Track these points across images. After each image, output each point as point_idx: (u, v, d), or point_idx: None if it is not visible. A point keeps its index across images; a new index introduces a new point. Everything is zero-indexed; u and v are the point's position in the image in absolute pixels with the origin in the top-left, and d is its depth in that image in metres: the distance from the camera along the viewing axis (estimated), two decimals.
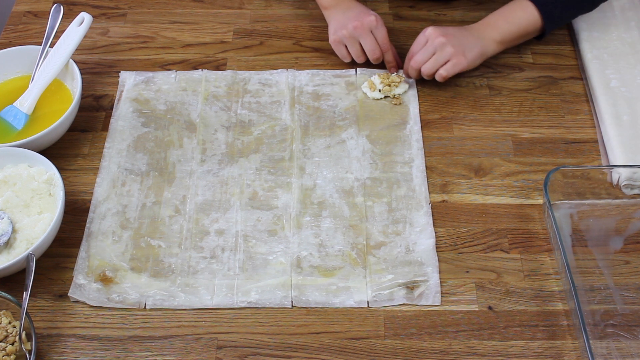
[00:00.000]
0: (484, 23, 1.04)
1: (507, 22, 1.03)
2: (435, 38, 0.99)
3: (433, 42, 1.00)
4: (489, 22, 1.04)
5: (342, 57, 1.08)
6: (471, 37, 1.02)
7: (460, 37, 1.01)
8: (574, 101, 1.06)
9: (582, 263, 0.89)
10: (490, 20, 1.04)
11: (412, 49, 1.03)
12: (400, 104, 1.04)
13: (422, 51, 1.01)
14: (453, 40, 1.00)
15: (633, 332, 0.83)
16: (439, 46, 0.99)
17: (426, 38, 1.01)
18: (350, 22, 1.03)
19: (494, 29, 1.03)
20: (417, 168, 0.97)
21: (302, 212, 0.93)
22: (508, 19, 1.03)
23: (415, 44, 1.03)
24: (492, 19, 1.04)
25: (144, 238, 0.90)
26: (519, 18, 1.03)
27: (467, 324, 0.83)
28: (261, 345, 0.82)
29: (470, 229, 0.92)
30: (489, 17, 1.05)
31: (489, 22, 1.04)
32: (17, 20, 1.18)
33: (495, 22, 1.03)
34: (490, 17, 1.05)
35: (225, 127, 1.02)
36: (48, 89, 1.01)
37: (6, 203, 0.88)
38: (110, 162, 0.98)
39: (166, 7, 1.20)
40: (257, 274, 0.87)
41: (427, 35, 1.01)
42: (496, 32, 1.03)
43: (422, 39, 1.02)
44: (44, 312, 0.84)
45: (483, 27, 1.03)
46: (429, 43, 1.00)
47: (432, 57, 1.00)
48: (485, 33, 1.03)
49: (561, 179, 0.92)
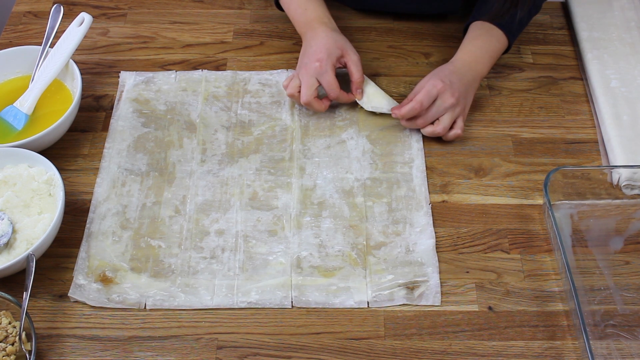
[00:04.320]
0: (471, 59, 1.01)
1: (490, 57, 1.02)
2: (448, 98, 0.95)
3: (445, 102, 0.95)
4: (476, 58, 1.01)
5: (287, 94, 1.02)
6: (469, 85, 0.99)
7: (464, 92, 0.98)
8: (574, 101, 1.06)
9: (582, 263, 0.88)
10: (476, 55, 1.01)
11: (423, 101, 0.95)
12: None
13: (435, 108, 0.96)
14: (460, 97, 0.97)
15: (633, 332, 0.83)
16: (450, 107, 0.96)
17: (437, 93, 0.95)
18: (303, 63, 0.99)
19: (482, 66, 1.01)
20: (417, 168, 0.97)
21: (302, 213, 0.93)
22: (490, 52, 1.02)
23: (426, 96, 0.95)
24: (477, 54, 1.01)
25: (144, 238, 0.90)
26: (498, 51, 1.03)
27: (467, 324, 0.83)
28: (261, 345, 0.82)
29: (471, 229, 0.92)
30: (472, 51, 1.01)
31: (475, 57, 1.01)
32: (17, 20, 1.18)
33: (482, 58, 1.01)
34: (473, 50, 1.02)
35: (225, 127, 1.02)
36: (48, 89, 1.01)
37: (6, 203, 0.88)
38: (110, 162, 0.98)
39: (166, 8, 1.20)
40: (257, 274, 0.87)
41: (439, 91, 0.95)
42: (484, 68, 1.01)
43: (433, 92, 0.95)
44: (44, 312, 0.84)
45: (474, 65, 1.00)
46: (439, 101, 0.95)
47: (445, 116, 0.96)
48: (476, 73, 1.00)
49: (561, 179, 0.92)
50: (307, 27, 1.03)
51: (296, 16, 1.06)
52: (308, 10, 1.04)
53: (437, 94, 0.96)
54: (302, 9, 1.04)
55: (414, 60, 1.11)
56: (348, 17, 1.17)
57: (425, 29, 1.16)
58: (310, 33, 1.01)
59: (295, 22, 1.06)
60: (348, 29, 1.14)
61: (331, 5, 1.06)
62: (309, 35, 1.01)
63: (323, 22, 1.02)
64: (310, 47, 1.00)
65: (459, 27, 1.07)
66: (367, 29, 1.16)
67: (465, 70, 1.00)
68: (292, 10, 1.06)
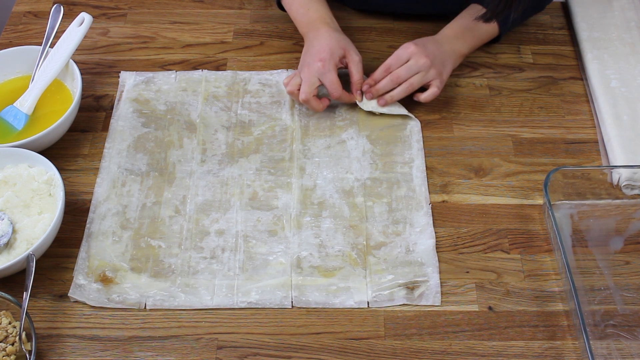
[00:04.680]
0: (453, 34, 1.02)
1: (474, 36, 1.03)
2: (420, 58, 0.96)
3: (417, 61, 0.97)
4: (457, 34, 1.02)
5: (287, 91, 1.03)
6: (446, 54, 1.00)
7: (440, 56, 0.99)
8: (574, 101, 1.06)
9: (582, 263, 0.88)
10: (458, 31, 1.03)
11: (391, 64, 0.98)
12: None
13: (405, 68, 0.97)
14: (435, 60, 0.98)
15: (633, 332, 0.83)
16: (423, 67, 0.97)
17: (409, 55, 0.97)
18: (306, 63, 0.99)
19: (463, 43, 1.02)
20: (417, 168, 0.97)
21: (302, 213, 0.93)
22: (474, 32, 1.03)
23: (394, 59, 0.98)
24: (461, 31, 1.03)
25: (144, 238, 0.90)
26: (482, 32, 1.04)
27: (467, 324, 0.83)
28: (261, 345, 0.82)
29: (471, 229, 0.92)
30: (455, 27, 1.03)
31: (457, 33, 1.02)
32: (17, 20, 1.18)
33: (464, 35, 1.02)
34: (456, 27, 1.03)
35: (225, 128, 1.02)
36: (48, 89, 1.01)
37: (6, 203, 0.88)
38: (110, 162, 0.98)
39: (166, 8, 1.20)
40: (257, 274, 0.87)
41: (410, 52, 0.97)
42: (465, 45, 1.02)
43: (404, 55, 0.97)
44: (44, 312, 0.84)
45: (454, 40, 1.02)
46: (412, 62, 0.97)
47: (416, 76, 0.97)
48: (456, 47, 1.01)
49: (561, 179, 0.92)
50: (309, 27, 1.03)
51: (298, 16, 1.06)
52: (310, 11, 1.04)
53: (408, 57, 0.97)
54: (304, 9, 1.04)
55: None
56: (348, 17, 1.17)
57: (425, 29, 1.16)
58: (312, 33, 1.01)
59: (297, 22, 1.06)
60: (348, 29, 1.14)
61: (331, 6, 1.06)
62: (312, 35, 1.01)
63: (326, 22, 1.02)
64: (312, 46, 1.00)
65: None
66: (367, 29, 1.16)
67: (445, 42, 1.01)
68: (294, 11, 1.06)
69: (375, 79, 1.00)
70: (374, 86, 1.00)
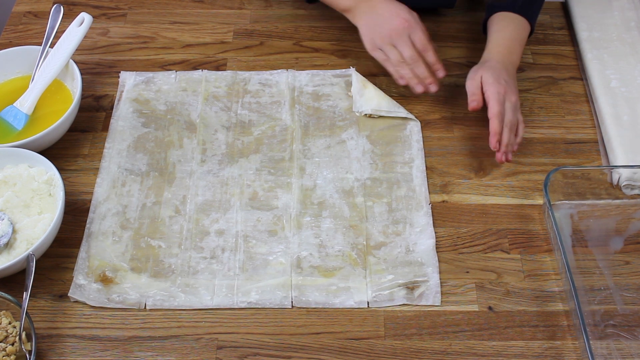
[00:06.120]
0: (506, 52, 1.00)
1: (520, 45, 1.02)
2: (511, 96, 0.94)
3: (511, 101, 0.94)
4: (509, 49, 1.00)
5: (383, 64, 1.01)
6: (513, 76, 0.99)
7: (513, 83, 0.97)
8: (574, 101, 1.06)
9: (582, 263, 0.89)
10: (508, 45, 1.01)
11: (501, 111, 0.93)
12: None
13: (509, 112, 0.94)
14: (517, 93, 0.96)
15: (633, 332, 0.83)
16: (515, 104, 0.95)
17: (503, 97, 0.93)
18: (383, 27, 0.97)
19: (517, 56, 1.01)
20: (417, 168, 0.97)
21: (302, 213, 0.93)
22: (520, 41, 1.02)
23: (500, 105, 0.93)
24: (511, 45, 1.01)
25: (144, 238, 0.90)
26: (525, 38, 1.03)
27: (467, 324, 0.83)
28: (261, 345, 0.82)
29: (471, 229, 0.92)
30: (505, 43, 1.01)
31: (509, 49, 1.00)
32: (17, 20, 1.19)
33: (514, 48, 1.01)
34: (505, 42, 1.01)
35: (225, 128, 1.02)
36: (48, 89, 1.01)
37: (6, 203, 0.88)
38: (110, 162, 0.98)
39: (166, 8, 1.20)
40: (257, 274, 0.87)
41: (500, 93, 0.93)
42: (517, 57, 1.01)
43: (499, 97, 0.93)
44: (44, 312, 0.84)
45: (510, 57, 1.00)
46: (508, 104, 0.93)
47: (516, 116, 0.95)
48: (514, 62, 1.00)
49: (561, 179, 0.92)
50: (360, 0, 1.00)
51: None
52: None
53: (504, 100, 0.94)
54: None
55: None
56: None
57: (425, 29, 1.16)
58: (368, 3, 0.99)
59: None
60: (348, 29, 1.14)
61: None
62: (367, 5, 0.99)
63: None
64: (378, 14, 0.98)
65: (459, 27, 1.07)
66: None
67: (507, 64, 0.99)
68: None
69: (497, 131, 0.93)
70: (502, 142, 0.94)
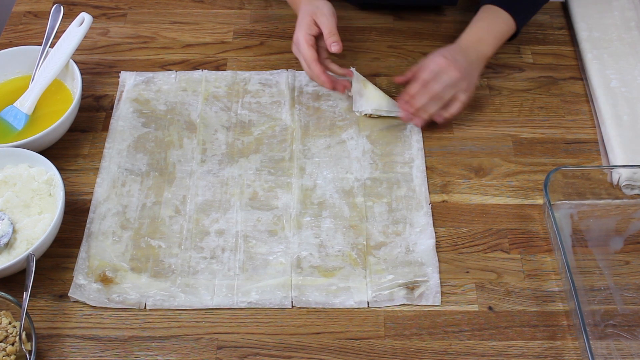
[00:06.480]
0: (475, 40, 1.01)
1: (494, 37, 1.02)
2: (451, 71, 0.95)
3: (449, 75, 0.95)
4: (479, 38, 1.01)
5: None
6: (474, 63, 0.99)
7: (468, 67, 0.97)
8: (574, 101, 1.06)
9: (582, 263, 0.89)
10: (479, 35, 1.02)
11: (426, 78, 0.96)
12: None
13: (438, 82, 0.95)
14: (465, 72, 0.96)
15: (633, 332, 0.83)
16: (454, 80, 0.95)
17: (440, 69, 0.95)
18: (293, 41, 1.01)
19: (486, 46, 1.01)
20: (417, 168, 0.97)
21: (302, 213, 0.93)
22: (495, 33, 1.02)
23: (428, 73, 0.95)
24: (482, 34, 1.02)
25: (144, 238, 0.90)
26: (503, 32, 1.02)
27: (467, 324, 0.83)
28: (261, 345, 0.82)
29: (471, 229, 0.92)
30: (476, 32, 1.02)
31: (478, 37, 1.01)
32: (17, 20, 1.18)
33: (486, 39, 1.01)
34: (476, 31, 1.02)
35: (225, 128, 1.02)
36: (48, 89, 1.01)
37: (6, 203, 0.88)
38: (110, 162, 0.98)
39: (166, 8, 1.20)
40: (257, 274, 0.87)
41: (440, 66, 0.95)
42: (488, 48, 1.01)
43: (435, 68, 0.95)
44: (44, 312, 0.84)
45: (477, 45, 1.01)
46: (444, 76, 0.95)
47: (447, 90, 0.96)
48: (480, 52, 1.00)
49: (561, 179, 0.92)
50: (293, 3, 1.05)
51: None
52: None
53: (439, 70, 0.95)
54: None
55: (414, 60, 1.11)
56: (348, 17, 1.17)
57: (425, 29, 1.16)
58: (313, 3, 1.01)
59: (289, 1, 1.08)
60: (348, 29, 1.14)
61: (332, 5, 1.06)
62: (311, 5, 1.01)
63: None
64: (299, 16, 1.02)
65: (459, 27, 1.07)
66: (367, 29, 1.16)
67: (470, 50, 1.00)
68: None
69: (411, 93, 0.97)
70: (409, 101, 0.97)
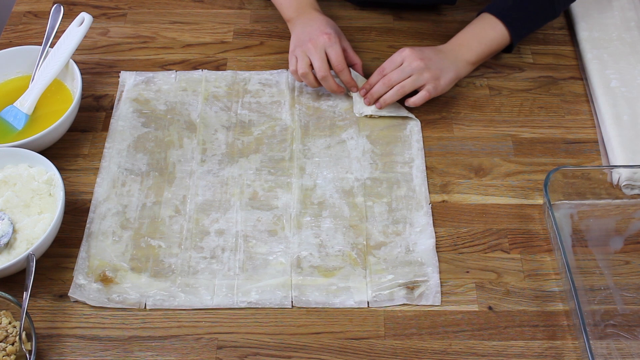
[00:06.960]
0: (457, 43, 1.02)
1: (479, 42, 1.02)
2: (413, 61, 0.97)
3: (410, 64, 0.97)
4: (461, 42, 1.02)
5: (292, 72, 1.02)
6: (447, 60, 0.99)
7: (437, 61, 0.98)
8: (574, 101, 1.06)
9: (582, 263, 0.89)
10: (463, 40, 1.02)
11: (385, 67, 0.99)
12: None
13: (397, 71, 0.97)
14: (430, 64, 0.97)
15: (633, 332, 0.83)
16: (416, 69, 0.96)
17: (402, 59, 0.97)
18: (307, 39, 0.99)
19: (468, 50, 1.01)
20: (417, 168, 0.97)
21: (302, 212, 0.93)
22: (480, 39, 1.02)
23: (389, 62, 0.99)
24: (465, 39, 1.02)
25: (144, 238, 0.90)
26: (490, 38, 1.02)
27: (467, 324, 0.83)
28: (261, 345, 0.82)
29: (471, 229, 0.92)
30: (461, 36, 1.03)
31: (461, 42, 1.02)
32: (17, 20, 1.18)
33: (469, 43, 1.02)
34: (462, 36, 1.03)
35: (225, 127, 1.02)
36: (48, 89, 1.01)
37: (6, 203, 0.88)
38: (110, 162, 0.98)
39: (166, 7, 1.20)
40: (257, 274, 0.87)
41: (404, 56, 0.97)
42: (470, 53, 1.01)
43: (397, 58, 0.98)
44: (44, 312, 0.84)
45: (457, 48, 1.01)
46: (405, 64, 0.97)
47: (409, 79, 0.97)
48: (459, 55, 1.01)
49: (561, 179, 0.92)
50: (300, 11, 1.04)
51: (285, 1, 1.07)
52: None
53: (402, 60, 0.97)
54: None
55: None
56: (348, 17, 1.17)
57: (425, 29, 1.16)
58: (305, 16, 1.03)
59: (284, 6, 1.07)
60: (348, 29, 1.14)
61: (332, 5, 1.07)
62: (304, 18, 1.03)
63: (316, 8, 1.05)
64: (309, 25, 1.01)
65: (459, 27, 1.07)
66: (367, 29, 1.16)
67: (447, 50, 1.01)
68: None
69: (371, 83, 1.01)
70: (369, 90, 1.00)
